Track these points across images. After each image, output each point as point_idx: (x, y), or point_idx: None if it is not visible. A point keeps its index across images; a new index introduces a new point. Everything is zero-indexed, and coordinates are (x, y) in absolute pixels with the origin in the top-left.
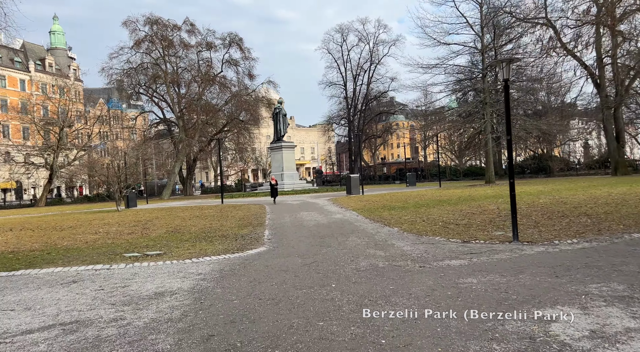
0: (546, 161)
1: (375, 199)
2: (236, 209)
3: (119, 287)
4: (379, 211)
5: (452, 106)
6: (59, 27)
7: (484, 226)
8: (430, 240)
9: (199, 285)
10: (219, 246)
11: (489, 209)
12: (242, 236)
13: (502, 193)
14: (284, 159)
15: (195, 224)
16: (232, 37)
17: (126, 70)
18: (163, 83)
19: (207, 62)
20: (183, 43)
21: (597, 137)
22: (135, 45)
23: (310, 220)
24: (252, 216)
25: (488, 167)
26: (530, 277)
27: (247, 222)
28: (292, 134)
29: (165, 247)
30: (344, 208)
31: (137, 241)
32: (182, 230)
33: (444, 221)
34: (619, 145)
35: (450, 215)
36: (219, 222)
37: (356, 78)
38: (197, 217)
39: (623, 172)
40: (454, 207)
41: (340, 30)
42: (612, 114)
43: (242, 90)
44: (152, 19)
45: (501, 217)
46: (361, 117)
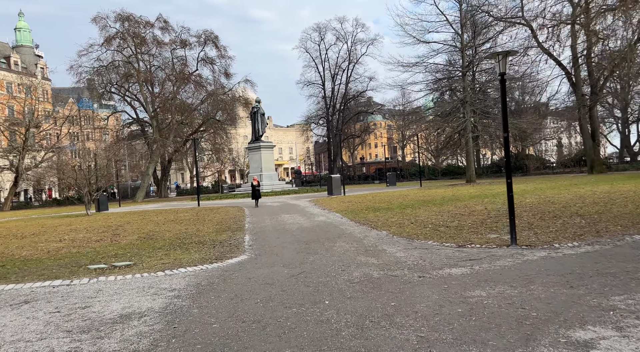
0: (522, 160)
1: (357, 199)
2: (213, 212)
3: (78, 308)
4: (363, 212)
5: (429, 106)
6: (25, 24)
7: (476, 228)
8: (423, 245)
9: (172, 304)
10: (195, 254)
11: (477, 210)
12: (220, 242)
13: (485, 192)
14: (263, 159)
15: (169, 229)
16: (207, 34)
17: (96, 69)
18: (136, 82)
19: (181, 61)
20: (156, 40)
21: (570, 136)
22: (106, 43)
23: (292, 223)
24: (231, 220)
25: (469, 167)
26: (543, 288)
27: (226, 226)
28: (270, 134)
29: (136, 256)
30: (326, 210)
31: (105, 249)
32: (156, 236)
33: (433, 223)
34: (594, 143)
35: (438, 216)
36: (195, 227)
37: (334, 77)
38: (171, 221)
39: (599, 170)
40: (440, 208)
41: (318, 29)
42: (588, 112)
43: (218, 89)
44: (124, 16)
45: (491, 218)
46: (340, 116)
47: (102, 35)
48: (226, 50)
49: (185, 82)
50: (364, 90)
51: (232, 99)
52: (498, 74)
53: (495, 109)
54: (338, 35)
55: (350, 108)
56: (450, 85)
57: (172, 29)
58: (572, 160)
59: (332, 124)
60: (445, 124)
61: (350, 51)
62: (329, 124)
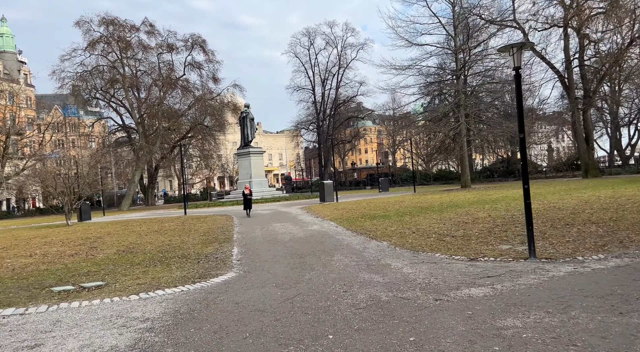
0: (514, 164)
1: (351, 206)
2: (200, 221)
3: (26, 348)
4: (359, 220)
5: (419, 111)
6: (7, 30)
7: (484, 238)
8: (430, 258)
9: (142, 341)
10: (176, 271)
11: (480, 217)
12: (206, 256)
13: (484, 198)
14: (252, 165)
15: (152, 241)
16: (194, 38)
17: (80, 74)
18: (121, 87)
19: (168, 65)
20: (142, 45)
21: (559, 141)
22: (89, 47)
23: (284, 233)
24: (219, 230)
25: (463, 171)
26: (587, 315)
27: (213, 237)
28: (259, 140)
29: (110, 274)
30: (320, 218)
31: (77, 265)
32: (136, 249)
33: (436, 232)
34: (588, 147)
35: (440, 225)
36: (180, 238)
37: (325, 82)
38: (155, 232)
39: (593, 174)
40: (441, 215)
41: (308, 33)
42: (582, 116)
43: (206, 94)
44: (108, 19)
45: (498, 226)
46: (330, 122)
47: (85, 40)
48: (214, 54)
49: (172, 87)
50: (355, 95)
51: (220, 104)
52: (513, 68)
53: (489, 112)
54: (328, 40)
55: (340, 113)
56: (441, 89)
57: (159, 32)
58: (565, 164)
59: (323, 130)
60: (438, 128)
61: (340, 56)
62: (319, 129)
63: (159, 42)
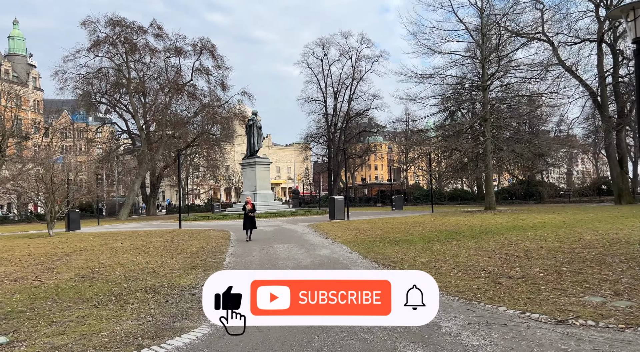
0: (535, 187)
1: (365, 226)
2: (193, 237)
3: None
4: (377, 245)
5: (431, 126)
6: (19, 32)
7: (555, 282)
8: (495, 314)
9: None
10: (126, 321)
11: (531, 249)
12: (181, 290)
13: (519, 223)
14: (258, 177)
15: (125, 263)
16: (203, 43)
17: (83, 76)
18: (126, 92)
19: (175, 70)
20: (149, 47)
21: (577, 164)
22: (93, 47)
23: (287, 259)
24: (210, 249)
25: (488, 192)
26: None
27: (200, 260)
28: (268, 153)
29: (32, 321)
30: (330, 239)
31: (8, 298)
32: (99, 274)
33: (484, 269)
34: (622, 171)
35: (484, 258)
36: (161, 260)
37: (337, 94)
38: (136, 249)
39: (628, 200)
40: (478, 244)
41: (321, 43)
42: (615, 136)
43: (213, 101)
44: (115, 20)
45: (564, 264)
46: (341, 135)
47: (90, 40)
48: (223, 60)
49: (178, 93)
50: (368, 108)
51: (228, 112)
52: (632, 40)
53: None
54: (342, 51)
55: (352, 127)
56: (459, 104)
57: (167, 36)
58: (590, 188)
59: (333, 143)
60: (458, 145)
61: (355, 67)
62: (329, 142)
63: (167, 46)
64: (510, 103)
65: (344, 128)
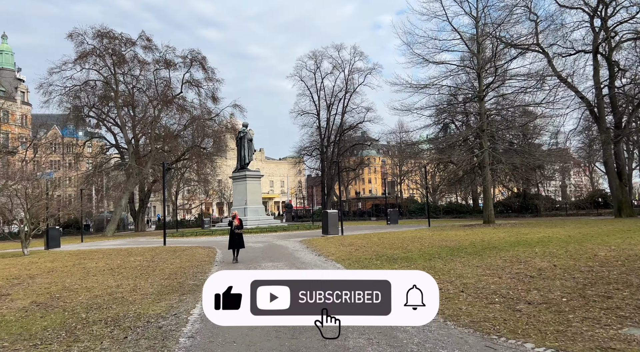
0: (531, 200)
1: (360, 242)
2: (176, 255)
3: None
4: (374, 263)
5: (423, 139)
6: (7, 47)
7: (584, 310)
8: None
9: None
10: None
11: (544, 268)
12: (147, 321)
13: (521, 238)
14: (248, 190)
15: (92, 287)
16: (193, 55)
17: (69, 88)
18: (114, 106)
19: (164, 82)
20: (138, 59)
21: (577, 176)
22: (80, 59)
23: None
24: (191, 270)
25: (487, 205)
26: None
27: (177, 282)
28: (261, 167)
29: None
30: (323, 256)
31: None
32: (57, 302)
33: (496, 293)
34: (621, 183)
35: (495, 278)
36: (134, 283)
37: (330, 107)
38: (110, 270)
39: (628, 213)
40: (484, 262)
41: (314, 56)
42: (613, 148)
43: (204, 114)
44: (103, 32)
45: (586, 285)
46: (335, 148)
47: (77, 52)
48: (214, 72)
49: (168, 106)
50: (361, 120)
51: (219, 125)
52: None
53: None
54: (335, 64)
55: (345, 140)
56: (453, 117)
57: (156, 48)
58: (586, 201)
59: (327, 156)
60: (455, 157)
61: (348, 80)
62: (323, 155)
63: (156, 58)
64: (506, 115)
65: (337, 141)
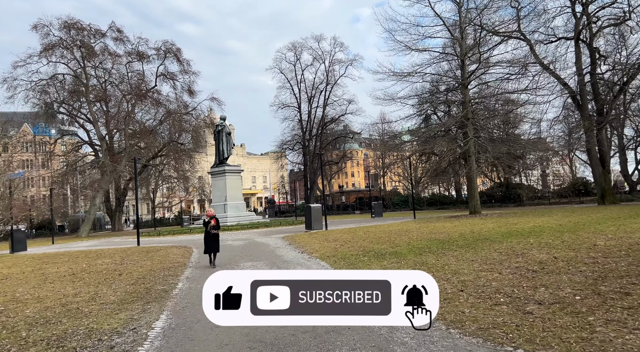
0: (514, 189)
1: (345, 236)
2: (148, 256)
3: None
4: (361, 260)
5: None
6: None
7: (606, 310)
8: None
9: None
10: None
11: (545, 261)
12: (98, 339)
13: (512, 228)
14: (228, 186)
15: (46, 296)
16: (167, 46)
17: (35, 83)
18: (85, 100)
19: (138, 75)
20: (108, 52)
21: (559, 164)
22: (45, 51)
23: None
24: (162, 273)
25: (472, 195)
26: None
27: (144, 288)
28: (242, 162)
29: None
30: (306, 254)
31: None
32: (2, 315)
33: (498, 290)
34: (604, 170)
35: (495, 274)
36: (95, 290)
37: (311, 100)
38: (71, 276)
39: (611, 200)
40: (477, 255)
41: (294, 48)
42: (596, 135)
43: (180, 107)
44: (70, 23)
45: (596, 279)
46: (317, 141)
47: (42, 44)
48: (190, 64)
49: (142, 100)
50: (343, 113)
51: (197, 119)
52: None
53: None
54: (315, 55)
55: (327, 133)
56: (438, 103)
57: (128, 39)
58: (568, 189)
59: (309, 150)
60: (439, 147)
61: (328, 72)
62: (305, 149)
63: (128, 50)
64: (489, 104)
65: (319, 134)
